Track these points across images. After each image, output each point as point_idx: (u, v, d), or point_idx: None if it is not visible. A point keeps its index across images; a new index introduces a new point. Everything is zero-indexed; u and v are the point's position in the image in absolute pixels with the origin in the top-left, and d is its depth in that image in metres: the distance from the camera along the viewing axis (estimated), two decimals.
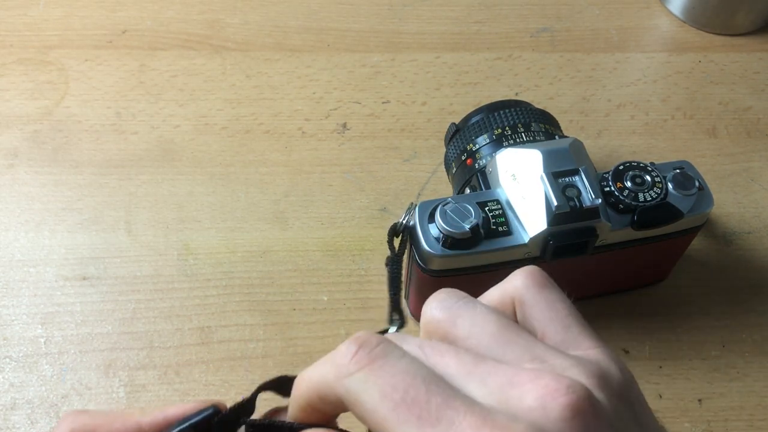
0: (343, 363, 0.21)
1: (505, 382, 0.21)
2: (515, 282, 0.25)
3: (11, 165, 0.51)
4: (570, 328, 0.24)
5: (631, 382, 0.23)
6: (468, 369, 0.21)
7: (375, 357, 0.21)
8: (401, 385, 0.20)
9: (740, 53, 0.59)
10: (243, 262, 0.47)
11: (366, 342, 0.21)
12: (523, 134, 0.42)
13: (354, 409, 0.21)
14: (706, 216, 0.40)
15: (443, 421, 0.20)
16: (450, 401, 0.20)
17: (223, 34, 0.59)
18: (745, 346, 0.44)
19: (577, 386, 0.20)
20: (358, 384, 0.21)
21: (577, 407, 0.20)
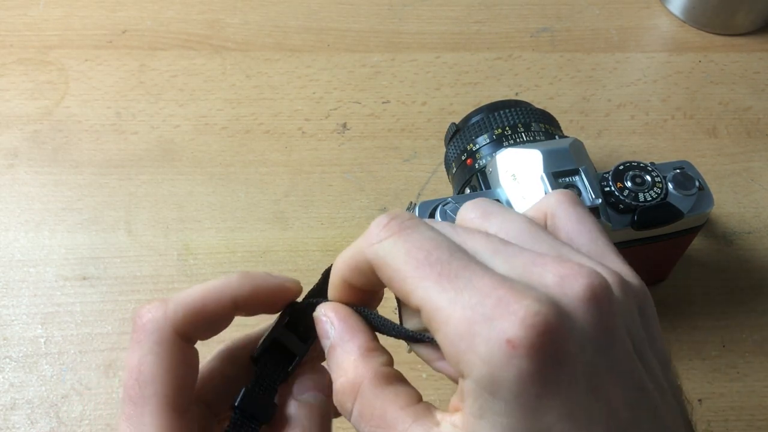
0: (375, 232, 0.23)
1: (529, 261, 0.22)
2: (549, 199, 0.27)
3: (11, 165, 0.51)
4: (597, 241, 0.25)
5: (649, 298, 0.24)
6: (494, 248, 0.22)
7: (405, 227, 0.22)
8: (426, 248, 0.22)
9: (740, 53, 0.59)
10: (243, 262, 0.47)
11: (398, 215, 0.23)
12: (523, 134, 0.42)
13: (381, 272, 0.23)
14: (707, 216, 0.40)
15: (461, 279, 0.21)
16: (471, 266, 0.21)
17: (223, 34, 0.59)
18: (745, 346, 0.44)
19: (598, 275, 0.21)
20: (387, 247, 0.22)
21: (595, 291, 0.21)
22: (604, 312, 0.21)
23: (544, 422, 0.19)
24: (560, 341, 0.19)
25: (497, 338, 0.19)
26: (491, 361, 0.19)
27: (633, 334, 0.22)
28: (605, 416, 0.20)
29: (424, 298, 0.21)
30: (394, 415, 0.22)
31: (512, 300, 0.20)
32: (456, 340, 0.20)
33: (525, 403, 0.19)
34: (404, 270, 0.22)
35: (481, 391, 0.20)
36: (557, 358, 0.19)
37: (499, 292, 0.20)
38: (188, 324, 0.26)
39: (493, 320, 0.20)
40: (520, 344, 0.19)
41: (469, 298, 0.20)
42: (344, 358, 0.24)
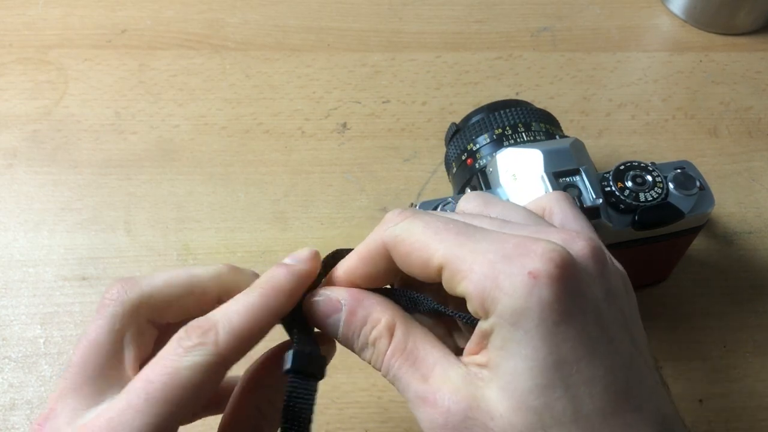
0: (390, 218, 0.25)
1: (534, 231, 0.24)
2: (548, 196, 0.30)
3: (10, 165, 0.51)
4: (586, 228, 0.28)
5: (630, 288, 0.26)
6: (500, 224, 0.25)
7: (413, 214, 0.25)
8: (441, 220, 0.24)
9: (741, 53, 0.59)
10: (243, 262, 0.46)
11: (410, 209, 0.26)
12: (523, 134, 0.41)
13: (398, 250, 0.25)
14: (707, 216, 0.40)
15: (479, 234, 0.23)
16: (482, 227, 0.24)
17: (223, 33, 0.59)
18: (746, 346, 0.44)
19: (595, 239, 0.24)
20: (404, 226, 0.25)
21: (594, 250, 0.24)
22: (601, 266, 0.24)
23: (561, 350, 0.22)
24: (576, 274, 0.22)
25: (520, 272, 0.22)
26: (515, 293, 0.22)
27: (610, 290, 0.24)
28: (612, 350, 0.22)
29: (446, 255, 0.23)
30: (425, 352, 0.24)
31: (530, 242, 0.22)
32: (482, 282, 0.22)
33: (544, 332, 0.21)
34: (423, 239, 0.24)
35: (504, 324, 0.22)
36: (573, 288, 0.22)
37: (516, 239, 0.23)
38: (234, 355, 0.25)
39: (515, 259, 0.22)
40: (541, 275, 0.21)
41: (490, 245, 0.23)
42: (370, 310, 0.26)
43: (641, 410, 0.22)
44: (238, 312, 0.25)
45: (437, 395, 0.23)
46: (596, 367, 0.22)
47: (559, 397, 0.21)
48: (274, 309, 0.26)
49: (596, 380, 0.22)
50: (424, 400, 0.23)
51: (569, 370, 0.21)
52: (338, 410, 0.41)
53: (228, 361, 0.25)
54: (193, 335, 0.25)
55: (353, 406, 0.41)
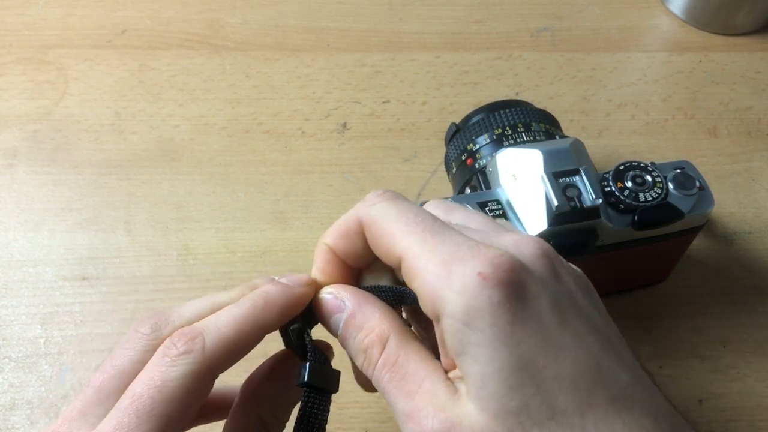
0: (371, 198, 0.26)
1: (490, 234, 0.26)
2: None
3: (10, 165, 0.51)
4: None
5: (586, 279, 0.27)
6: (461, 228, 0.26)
7: (396, 196, 0.26)
8: (414, 212, 0.25)
9: (741, 53, 0.59)
10: (243, 262, 0.47)
11: (390, 190, 0.27)
12: (523, 134, 0.42)
13: (370, 230, 0.26)
14: (707, 216, 0.40)
15: (442, 235, 0.24)
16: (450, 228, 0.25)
17: (223, 33, 0.59)
18: (745, 346, 0.44)
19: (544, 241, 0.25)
20: (381, 208, 0.26)
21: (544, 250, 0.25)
22: (556, 264, 0.25)
23: (522, 350, 0.22)
24: (524, 278, 0.23)
25: (470, 273, 0.22)
26: (465, 292, 0.22)
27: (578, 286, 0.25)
28: (577, 343, 0.23)
29: (408, 248, 0.24)
30: (415, 366, 0.24)
31: (482, 246, 0.23)
32: (433, 281, 0.23)
33: (500, 331, 0.22)
34: (394, 226, 0.25)
35: (458, 325, 0.22)
36: (523, 291, 0.23)
37: (471, 243, 0.24)
38: (221, 363, 0.25)
39: (466, 260, 0.23)
40: (490, 276, 0.22)
41: (447, 248, 0.24)
42: (368, 317, 0.26)
43: (621, 400, 0.22)
44: (227, 322, 0.25)
45: (421, 413, 0.23)
46: (562, 361, 0.22)
47: (533, 394, 0.22)
48: (262, 323, 0.26)
49: (564, 375, 0.22)
50: (409, 416, 0.23)
51: (535, 367, 0.22)
52: (338, 410, 0.41)
53: (215, 370, 0.25)
54: (179, 343, 0.24)
55: (353, 406, 0.41)
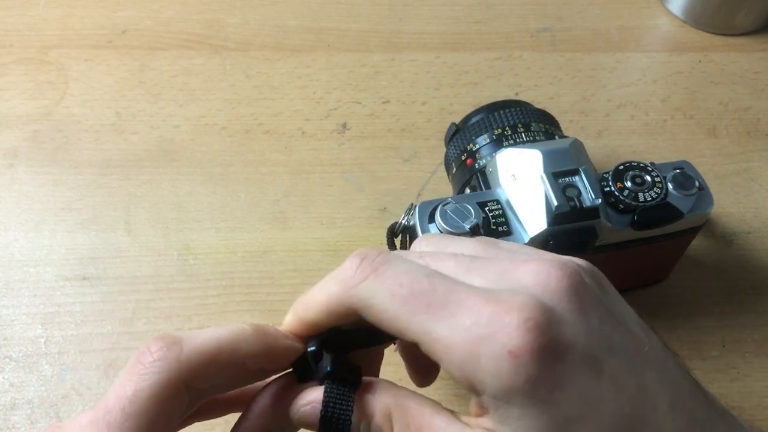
0: (349, 276, 0.23)
1: (503, 269, 0.23)
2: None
3: (11, 165, 0.51)
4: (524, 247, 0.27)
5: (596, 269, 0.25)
6: (466, 266, 0.24)
7: (378, 264, 0.23)
8: (406, 282, 0.22)
9: (740, 53, 0.59)
10: (243, 262, 0.47)
11: (367, 254, 0.23)
12: (523, 134, 0.42)
13: (366, 314, 0.23)
14: (706, 216, 0.40)
15: (451, 305, 0.22)
16: (453, 288, 0.22)
17: (223, 33, 0.59)
18: (745, 346, 0.44)
19: (567, 264, 0.23)
20: (367, 290, 0.23)
21: (571, 280, 0.22)
22: (582, 296, 0.22)
23: (562, 413, 0.21)
24: (556, 337, 0.21)
25: (500, 352, 0.21)
26: (500, 375, 0.21)
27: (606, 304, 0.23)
28: (614, 390, 0.21)
29: (420, 332, 0.22)
30: (428, 423, 0.23)
31: (503, 312, 0.21)
32: (463, 365, 0.21)
33: (539, 402, 0.21)
34: (392, 309, 0.22)
35: (498, 403, 0.21)
36: (557, 353, 0.21)
37: (489, 308, 0.21)
38: (196, 374, 0.24)
39: (492, 337, 0.21)
40: (522, 351, 0.21)
41: (464, 321, 0.21)
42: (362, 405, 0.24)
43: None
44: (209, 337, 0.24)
45: None
46: (600, 414, 0.21)
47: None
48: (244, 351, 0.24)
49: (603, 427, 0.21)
50: None
51: (575, 425, 0.21)
52: None
53: (190, 381, 0.24)
54: (155, 348, 0.23)
55: None
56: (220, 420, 0.29)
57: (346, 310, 0.24)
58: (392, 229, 0.38)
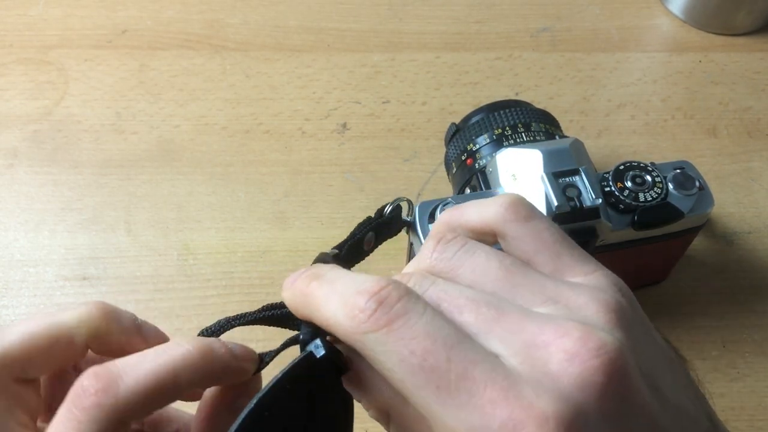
0: (361, 318, 0.20)
1: (529, 341, 0.20)
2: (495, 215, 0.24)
3: (11, 165, 0.51)
4: (561, 255, 0.23)
5: (633, 299, 0.23)
6: (488, 326, 0.21)
7: (394, 317, 0.20)
8: (420, 350, 0.19)
9: (740, 53, 0.59)
10: (243, 262, 0.47)
11: (387, 298, 0.20)
12: (523, 134, 0.42)
13: (372, 362, 0.21)
14: (707, 216, 0.40)
15: (462, 393, 0.19)
16: (471, 370, 0.19)
17: (223, 33, 0.59)
18: (745, 346, 0.44)
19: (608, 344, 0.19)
20: (377, 344, 0.20)
21: (611, 373, 0.19)
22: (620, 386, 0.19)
23: None
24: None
25: None
26: None
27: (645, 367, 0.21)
28: None
29: (425, 408, 0.20)
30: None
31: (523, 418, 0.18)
32: None
33: None
34: (398, 373, 0.20)
35: None
36: None
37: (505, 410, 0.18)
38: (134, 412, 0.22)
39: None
40: None
41: (472, 418, 0.19)
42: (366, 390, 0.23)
43: None
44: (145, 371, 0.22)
45: None
46: None
47: None
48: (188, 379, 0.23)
49: None
50: None
51: None
52: None
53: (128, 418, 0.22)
54: (91, 389, 0.22)
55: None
56: None
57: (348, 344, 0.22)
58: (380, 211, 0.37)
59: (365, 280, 0.21)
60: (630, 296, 0.23)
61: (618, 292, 0.23)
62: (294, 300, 0.24)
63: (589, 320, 0.21)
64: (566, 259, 0.23)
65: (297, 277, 0.24)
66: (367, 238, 0.35)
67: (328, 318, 0.22)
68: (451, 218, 0.26)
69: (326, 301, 0.22)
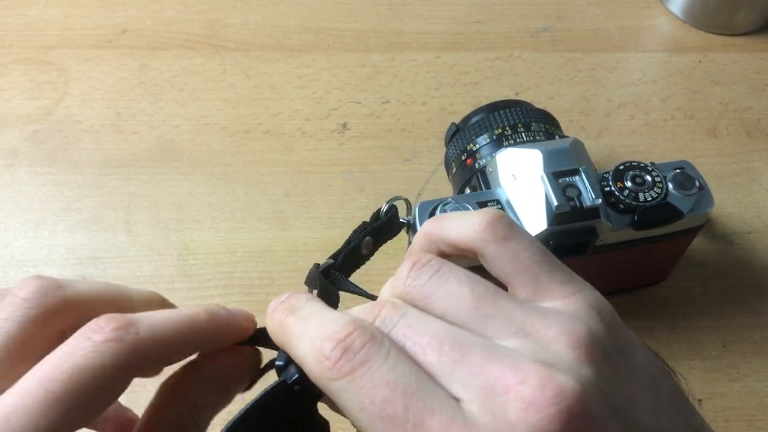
0: (326, 365, 0.21)
1: (489, 386, 0.20)
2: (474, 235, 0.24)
3: (11, 165, 0.51)
4: (538, 278, 0.23)
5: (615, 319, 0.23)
6: (450, 368, 0.21)
7: (357, 365, 0.20)
8: (379, 400, 0.20)
9: (740, 53, 0.59)
10: (243, 262, 0.47)
11: (351, 348, 0.21)
12: (523, 134, 0.42)
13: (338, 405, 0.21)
14: (707, 216, 0.40)
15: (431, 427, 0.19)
16: (427, 420, 0.19)
17: (223, 33, 0.59)
18: (745, 346, 0.44)
19: (566, 391, 0.19)
20: (341, 391, 0.21)
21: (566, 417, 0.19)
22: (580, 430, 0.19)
23: None
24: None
25: None
26: None
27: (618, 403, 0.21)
28: None
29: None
30: None
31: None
32: None
33: None
34: (361, 420, 0.20)
35: None
36: None
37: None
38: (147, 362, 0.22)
39: None
40: None
41: None
42: None
43: None
44: (164, 319, 0.23)
45: None
46: None
47: None
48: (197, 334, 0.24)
49: None
50: None
51: None
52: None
53: (140, 368, 0.22)
54: (108, 329, 0.21)
55: None
56: None
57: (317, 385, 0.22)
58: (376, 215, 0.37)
59: (334, 321, 0.22)
60: (610, 319, 0.23)
61: (596, 316, 0.22)
62: (273, 330, 0.24)
63: (558, 356, 0.21)
64: (545, 282, 0.23)
65: (277, 306, 0.24)
66: (365, 242, 0.35)
67: (300, 358, 0.22)
68: (432, 231, 0.26)
69: (298, 340, 0.22)
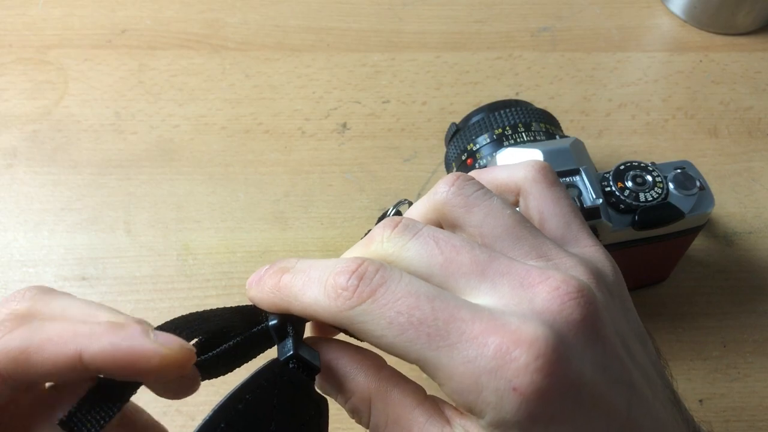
0: (345, 296, 0.21)
1: (516, 284, 0.22)
2: (525, 174, 0.27)
3: (10, 165, 0.51)
4: (570, 225, 0.26)
5: (621, 280, 0.25)
6: (481, 269, 0.22)
7: (376, 286, 0.21)
8: (405, 309, 0.21)
9: (741, 53, 0.59)
10: (243, 262, 0.47)
11: (366, 273, 0.22)
12: (523, 134, 0.42)
13: (363, 336, 0.22)
14: (707, 216, 0.40)
15: (452, 334, 0.20)
16: (456, 313, 0.21)
17: (223, 33, 0.59)
18: (746, 346, 0.44)
19: (585, 289, 0.22)
20: (363, 315, 0.21)
21: (588, 312, 0.21)
22: (595, 328, 0.21)
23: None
24: (563, 377, 0.20)
25: (504, 387, 0.20)
26: (502, 409, 0.20)
27: (618, 328, 0.23)
28: (606, 426, 0.21)
29: (420, 359, 0.21)
30: (408, 418, 0.22)
31: (510, 345, 0.20)
32: (464, 393, 0.20)
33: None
34: (389, 336, 0.21)
35: (493, 429, 0.21)
36: (562, 391, 0.20)
37: (496, 338, 0.20)
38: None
39: (497, 371, 0.20)
40: (528, 391, 0.20)
41: (467, 353, 0.20)
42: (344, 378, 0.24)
43: None
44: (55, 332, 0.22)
45: None
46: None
47: None
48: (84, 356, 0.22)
49: None
50: None
51: None
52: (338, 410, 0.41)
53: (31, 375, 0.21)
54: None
55: None
56: None
57: (334, 324, 0.22)
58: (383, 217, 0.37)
59: (339, 261, 0.22)
60: (618, 277, 0.25)
61: (611, 267, 0.25)
62: (265, 296, 0.24)
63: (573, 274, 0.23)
64: (574, 229, 0.26)
65: (263, 274, 0.25)
66: None
67: (310, 305, 0.22)
68: (478, 174, 0.28)
69: (304, 289, 0.23)
